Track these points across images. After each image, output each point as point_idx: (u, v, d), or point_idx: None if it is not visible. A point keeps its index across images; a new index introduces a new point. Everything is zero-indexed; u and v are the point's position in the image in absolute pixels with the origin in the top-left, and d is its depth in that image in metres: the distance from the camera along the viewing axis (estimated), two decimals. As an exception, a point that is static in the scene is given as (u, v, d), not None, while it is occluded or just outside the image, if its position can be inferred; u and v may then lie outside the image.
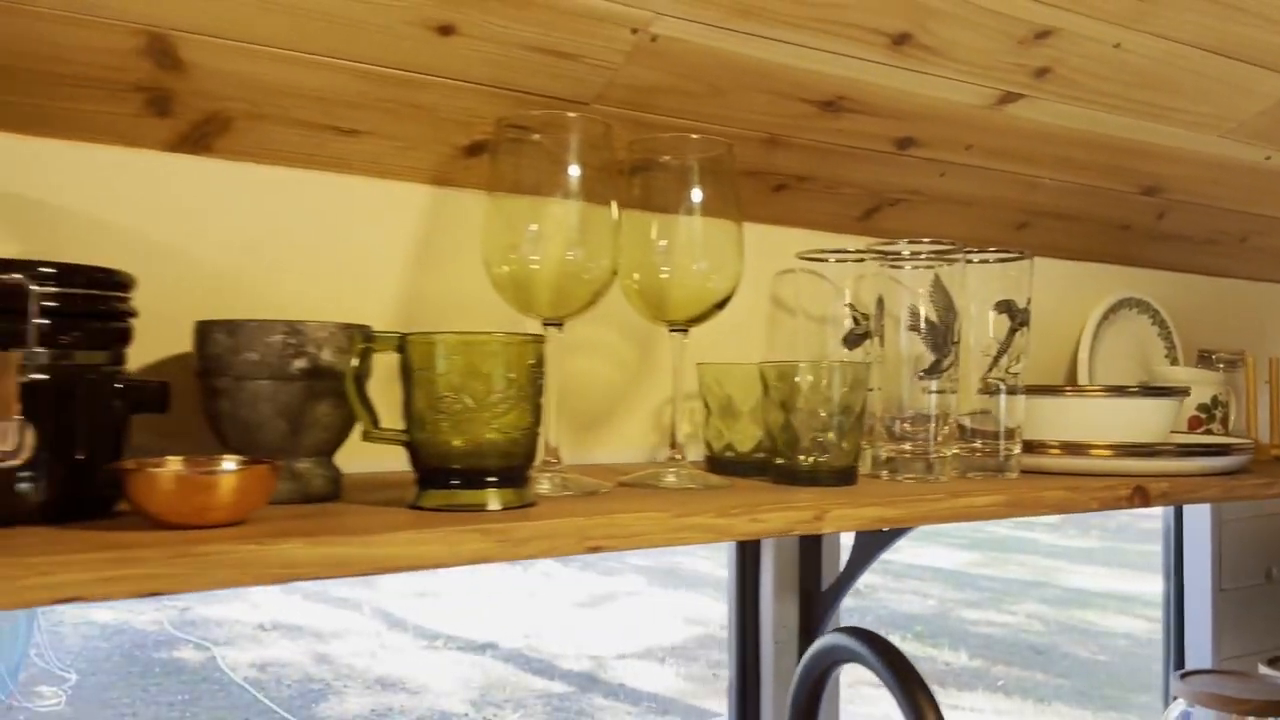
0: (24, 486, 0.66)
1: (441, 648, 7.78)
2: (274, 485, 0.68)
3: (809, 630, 1.27)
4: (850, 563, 1.22)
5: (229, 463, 0.70)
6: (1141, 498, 1.00)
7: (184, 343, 0.79)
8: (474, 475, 0.76)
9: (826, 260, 1.12)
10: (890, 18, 0.91)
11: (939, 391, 0.99)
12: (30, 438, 0.64)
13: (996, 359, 1.04)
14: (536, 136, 0.87)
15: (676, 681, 7.38)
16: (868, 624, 0.63)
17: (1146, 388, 1.14)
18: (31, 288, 0.65)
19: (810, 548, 1.28)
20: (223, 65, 0.78)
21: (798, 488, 0.91)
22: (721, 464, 1.03)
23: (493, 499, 0.76)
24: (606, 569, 10.24)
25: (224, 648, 7.60)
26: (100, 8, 0.71)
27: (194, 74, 0.77)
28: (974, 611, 9.28)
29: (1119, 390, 1.14)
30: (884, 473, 1.01)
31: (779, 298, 1.17)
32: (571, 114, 0.84)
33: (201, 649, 7.54)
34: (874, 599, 9.46)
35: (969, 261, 1.01)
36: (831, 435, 0.93)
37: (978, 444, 1.06)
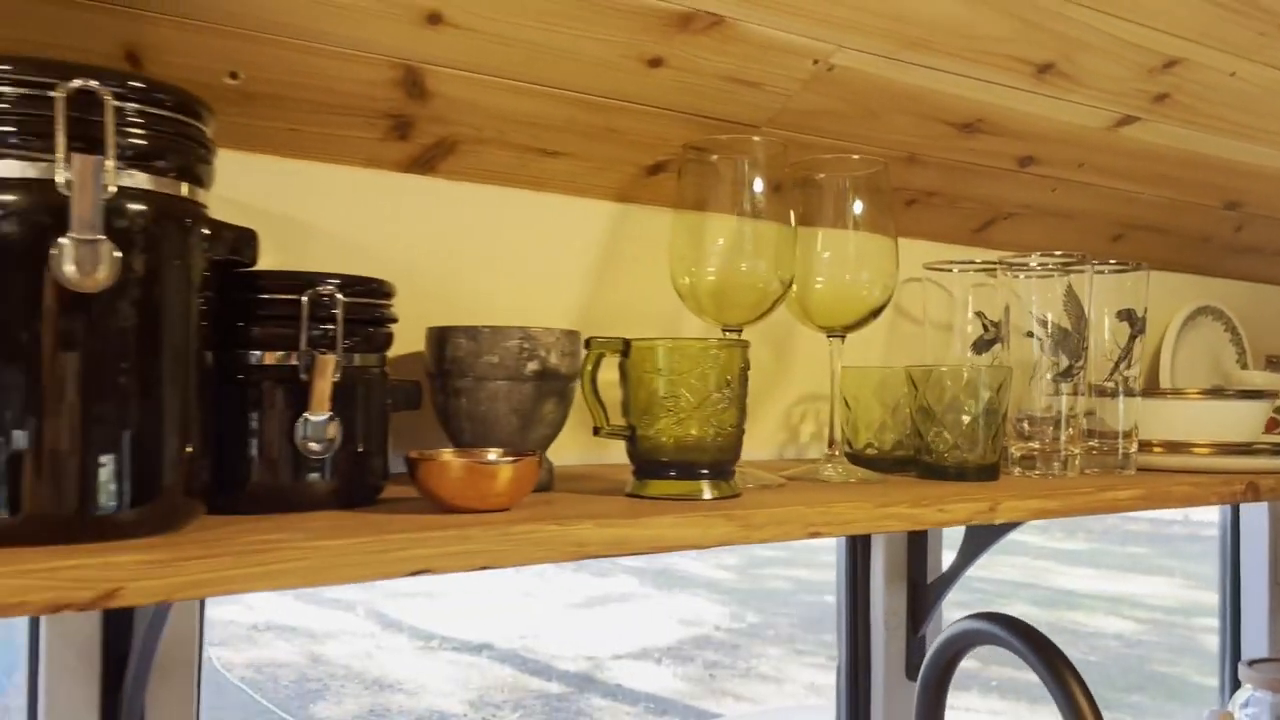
0: (314, 476, 0.74)
1: (437, 648, 7.82)
2: (538, 476, 0.77)
3: (916, 618, 1.36)
4: (960, 556, 1.31)
5: (491, 454, 0.78)
6: (1254, 492, 1.10)
7: (405, 344, 0.86)
8: (688, 467, 0.84)
9: (951, 270, 1.21)
10: (1040, 49, 1.00)
11: (1070, 394, 1.08)
12: (339, 431, 0.73)
13: (1117, 364, 1.13)
14: (715, 157, 0.95)
15: (673, 682, 7.46)
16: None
17: (1241, 391, 1.24)
18: (338, 297, 0.73)
19: (916, 542, 1.37)
20: (460, 94, 0.86)
21: (945, 483, 1.00)
22: (862, 460, 1.11)
23: (706, 489, 0.84)
24: (599, 570, 10.30)
25: (219, 648, 7.62)
26: (368, 44, 0.79)
27: (435, 102, 0.85)
28: (965, 612, 9.30)
29: (1216, 393, 1.24)
30: (1016, 469, 1.10)
31: (900, 305, 1.26)
32: (756, 138, 0.92)
33: (196, 649, 7.52)
34: (866, 600, 9.58)
35: (1097, 273, 1.11)
36: (978, 434, 1.01)
37: (1094, 442, 1.15)
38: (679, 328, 1.08)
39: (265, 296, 0.73)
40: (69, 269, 0.56)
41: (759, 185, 0.95)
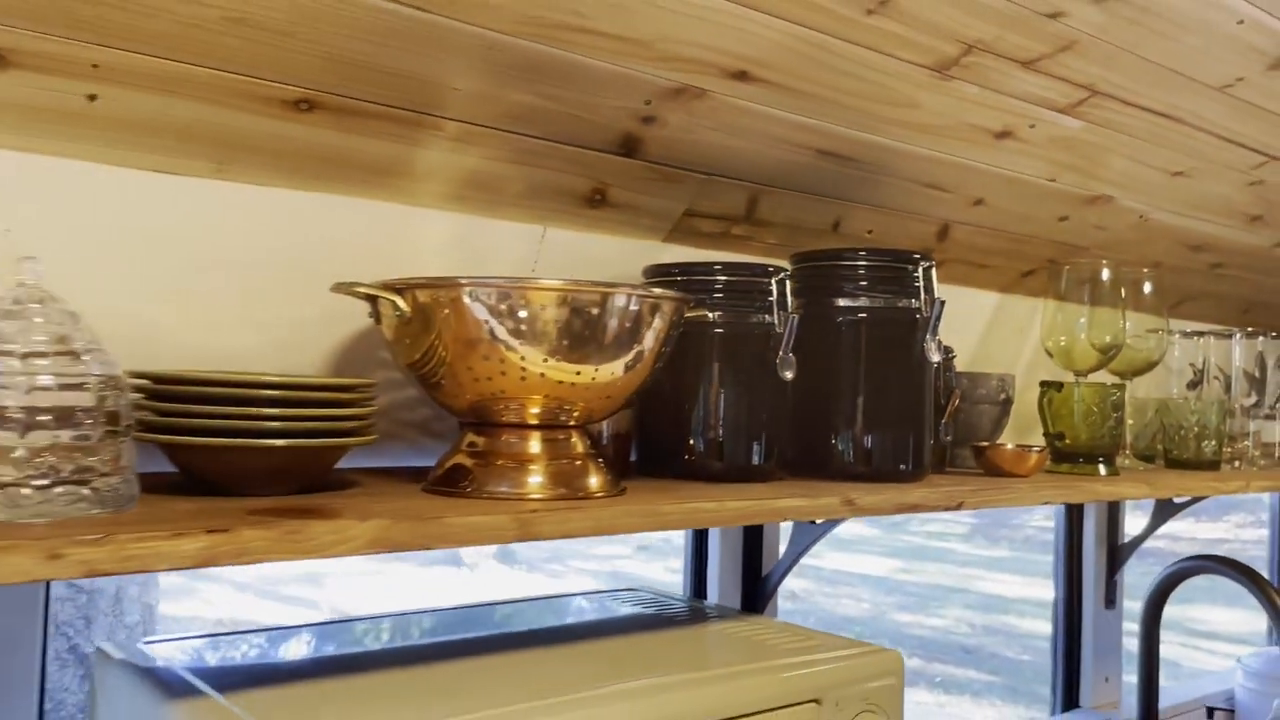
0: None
1: (407, 644, 8.25)
2: (1046, 461, 1.45)
3: (1112, 567, 2.08)
4: (1147, 526, 2.02)
5: (1008, 445, 1.46)
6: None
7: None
8: (1091, 456, 1.53)
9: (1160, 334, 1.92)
10: (1258, 209, 1.73)
11: (1256, 418, 1.81)
12: (946, 435, 1.40)
13: (1278, 399, 1.86)
14: (1066, 268, 1.65)
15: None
16: (811, 624, 1.05)
17: (1338, 417, 1.97)
18: (953, 362, 1.41)
19: (1114, 516, 2.08)
20: (964, 239, 1.55)
21: (1188, 472, 1.71)
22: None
23: (1101, 469, 1.53)
24: (552, 571, 10.88)
25: (186, 643, 7.96)
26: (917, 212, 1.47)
27: (949, 242, 1.54)
28: (906, 615, 10.02)
29: (1323, 418, 1.98)
30: (1223, 465, 1.81)
31: (1123, 354, 1.97)
32: (1104, 261, 1.62)
33: (167, 643, 7.87)
34: (810, 603, 10.31)
35: (1274, 339, 1.84)
36: (1209, 442, 1.73)
37: (1259, 449, 1.88)
38: (1015, 367, 1.78)
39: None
40: (930, 353, 1.23)
41: (1095, 284, 1.64)
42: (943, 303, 1.24)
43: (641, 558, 11.70)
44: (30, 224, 0.92)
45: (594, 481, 1.01)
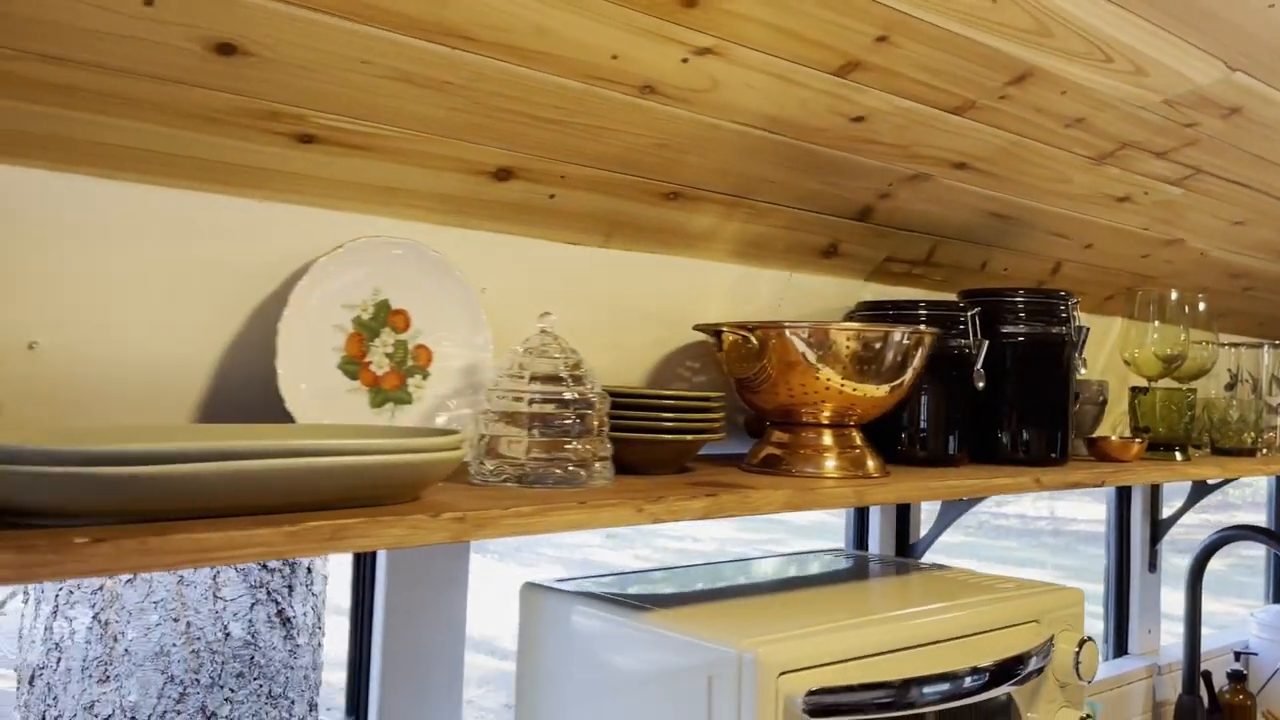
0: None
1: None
2: (1144, 450, 1.89)
3: (1154, 538, 2.54)
4: (1184, 505, 2.48)
5: (1111, 436, 1.90)
6: (1365, 465, 2.31)
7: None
8: (1170, 445, 1.98)
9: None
10: (1278, 240, 2.19)
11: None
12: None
13: (1298, 398, 2.33)
14: (1140, 293, 2.09)
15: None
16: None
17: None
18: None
19: (1155, 495, 2.55)
20: (1069, 273, 1.98)
21: (1229, 457, 2.16)
22: (1174, 445, 2.27)
23: (1178, 455, 1.98)
24: (523, 560, 11.26)
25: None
26: (1113, 257, 1.91)
27: (1059, 276, 1.98)
28: None
29: (1329, 413, 2.45)
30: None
31: (1169, 361, 2.43)
32: (1172, 290, 2.07)
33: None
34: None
35: (1294, 351, 2.30)
36: (1248, 433, 2.19)
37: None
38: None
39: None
40: (1078, 369, 1.66)
41: (1161, 305, 2.09)
42: (1087, 329, 1.67)
43: (609, 545, 12.14)
44: (499, 283, 1.32)
45: (871, 465, 1.42)
